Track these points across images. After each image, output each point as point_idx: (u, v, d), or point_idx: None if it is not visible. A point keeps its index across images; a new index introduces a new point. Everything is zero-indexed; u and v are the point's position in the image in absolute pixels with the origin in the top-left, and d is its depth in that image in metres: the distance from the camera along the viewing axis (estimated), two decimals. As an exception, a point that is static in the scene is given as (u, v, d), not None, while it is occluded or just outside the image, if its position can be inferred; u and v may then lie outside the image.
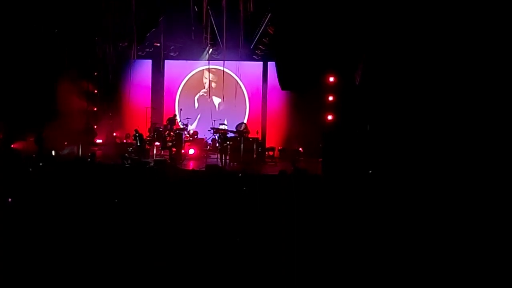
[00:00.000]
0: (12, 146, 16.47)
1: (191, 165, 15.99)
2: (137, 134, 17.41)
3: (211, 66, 19.21)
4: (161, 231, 8.81)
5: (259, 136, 17.48)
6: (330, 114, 17.03)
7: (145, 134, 18.05)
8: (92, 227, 8.79)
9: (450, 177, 9.70)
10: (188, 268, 7.09)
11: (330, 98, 17.20)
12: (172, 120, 18.53)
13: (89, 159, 14.97)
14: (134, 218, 9.38)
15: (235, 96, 19.05)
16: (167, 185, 11.30)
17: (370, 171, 11.20)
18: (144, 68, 19.98)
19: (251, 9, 15.29)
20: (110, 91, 19.19)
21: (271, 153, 17.57)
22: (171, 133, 17.83)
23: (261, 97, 19.38)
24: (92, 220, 9.12)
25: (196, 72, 20.02)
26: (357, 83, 15.28)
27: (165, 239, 8.34)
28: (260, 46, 18.55)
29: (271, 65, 18.97)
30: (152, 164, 15.23)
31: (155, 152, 17.40)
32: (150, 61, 19.87)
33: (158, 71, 19.62)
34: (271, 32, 17.81)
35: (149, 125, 18.75)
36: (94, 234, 8.28)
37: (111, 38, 17.61)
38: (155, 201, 10.40)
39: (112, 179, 11.64)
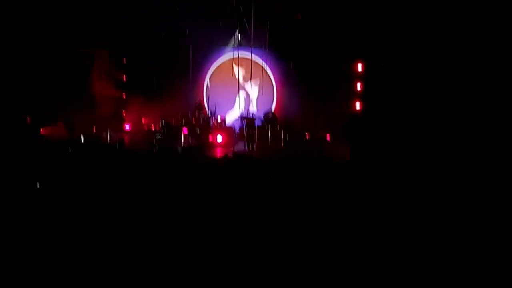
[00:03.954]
0: (41, 131, 16.64)
1: (218, 153, 16.01)
2: (164, 122, 17.49)
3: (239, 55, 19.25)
4: (187, 217, 8.85)
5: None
6: (357, 102, 16.91)
7: (173, 121, 18.09)
8: (120, 213, 8.85)
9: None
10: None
11: (358, 86, 17.07)
12: (200, 107, 18.56)
13: (117, 145, 15.08)
14: (161, 203, 9.42)
15: (262, 85, 19.06)
16: (195, 172, 11.34)
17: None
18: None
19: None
20: (139, 78, 19.28)
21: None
22: (199, 120, 17.87)
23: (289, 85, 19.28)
24: (119, 206, 9.18)
25: (224, 60, 19.98)
26: (383, 71, 15.14)
27: (190, 225, 8.37)
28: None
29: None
30: (180, 151, 15.32)
31: (182, 139, 17.43)
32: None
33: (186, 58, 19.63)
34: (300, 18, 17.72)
35: (177, 112, 18.77)
36: (122, 219, 8.33)
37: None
38: (181, 187, 10.44)
39: (141, 165, 11.71)
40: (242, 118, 17.79)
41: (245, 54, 19.28)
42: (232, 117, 19.29)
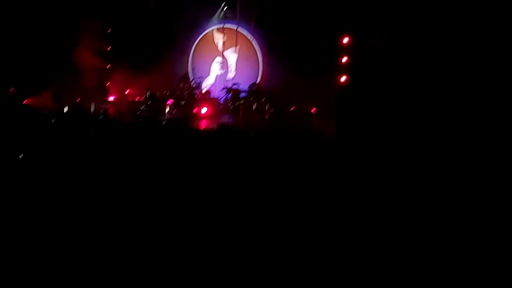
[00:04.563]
0: (24, 102, 16.50)
1: (203, 125, 15.96)
2: (148, 93, 17.37)
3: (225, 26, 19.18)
4: (172, 189, 8.83)
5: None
6: (343, 76, 16.88)
7: (157, 93, 17.97)
8: (104, 184, 8.82)
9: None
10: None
11: (344, 59, 17.01)
12: (185, 78, 18.45)
13: (101, 117, 14.98)
14: (146, 175, 9.40)
15: (247, 57, 19.03)
16: (179, 144, 11.30)
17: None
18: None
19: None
20: (124, 48, 19.12)
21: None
22: (184, 91, 17.78)
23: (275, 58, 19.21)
24: (103, 177, 9.15)
25: (209, 31, 19.83)
26: (372, 44, 15.08)
27: (175, 196, 8.35)
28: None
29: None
30: (164, 122, 15.25)
31: (167, 110, 17.32)
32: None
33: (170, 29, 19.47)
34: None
35: (162, 83, 18.64)
36: (105, 190, 8.29)
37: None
38: (166, 160, 10.41)
39: (125, 136, 11.65)
40: (227, 89, 17.71)
41: (231, 26, 19.18)
42: (207, 83, 19.34)
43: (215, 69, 19.68)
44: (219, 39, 19.72)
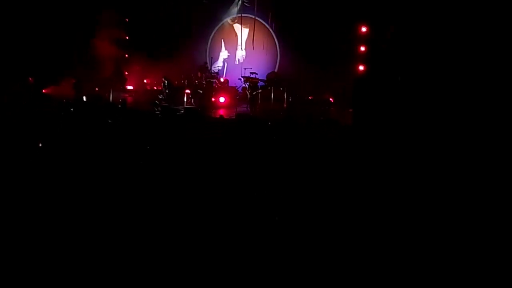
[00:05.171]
0: (43, 90, 16.65)
1: (221, 113, 15.98)
2: (166, 82, 17.43)
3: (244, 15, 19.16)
4: (190, 176, 8.86)
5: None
6: (361, 65, 16.76)
7: (176, 82, 18.03)
8: (123, 172, 8.88)
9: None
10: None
11: (362, 48, 16.89)
12: (203, 68, 18.48)
13: (120, 105, 15.08)
14: (164, 163, 9.45)
15: (265, 45, 19.00)
16: (197, 132, 11.36)
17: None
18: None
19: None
20: (142, 38, 19.19)
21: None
22: (202, 81, 17.82)
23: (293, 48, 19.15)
24: (122, 165, 9.21)
25: (227, 21, 19.82)
26: (389, 37, 14.95)
27: (192, 183, 8.39)
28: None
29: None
30: (182, 111, 15.31)
31: (185, 99, 17.37)
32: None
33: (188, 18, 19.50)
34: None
35: (180, 73, 18.69)
36: (125, 178, 8.35)
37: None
38: (184, 148, 10.46)
39: (143, 125, 11.73)
40: (245, 78, 17.71)
41: (249, 15, 19.17)
42: (216, 66, 19.51)
43: (223, 54, 19.78)
44: (238, 27, 19.70)
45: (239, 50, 19.59)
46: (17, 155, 9.13)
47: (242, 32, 19.55)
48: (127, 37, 19.21)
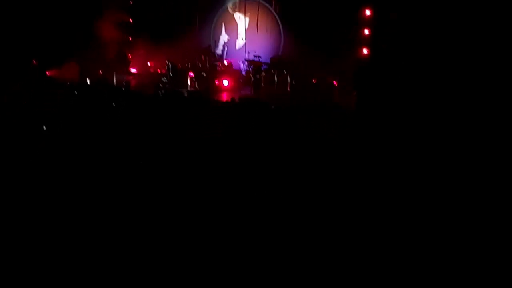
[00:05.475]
0: (47, 73, 16.62)
1: (224, 97, 15.97)
2: (170, 65, 17.41)
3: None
4: (193, 161, 8.89)
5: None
6: (364, 48, 16.72)
7: (179, 65, 18.00)
8: (126, 154, 8.91)
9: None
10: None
11: (366, 32, 16.84)
12: (207, 51, 18.44)
13: (123, 88, 15.08)
14: (168, 147, 9.47)
15: (269, 29, 18.94)
16: (201, 115, 11.35)
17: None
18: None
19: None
20: (146, 21, 19.12)
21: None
22: (205, 64, 17.79)
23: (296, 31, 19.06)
24: (126, 147, 9.23)
25: (230, 3, 19.74)
26: (393, 18, 14.88)
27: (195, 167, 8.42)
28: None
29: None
30: (185, 94, 15.31)
31: (189, 82, 17.35)
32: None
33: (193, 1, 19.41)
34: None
35: (184, 56, 18.64)
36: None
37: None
38: (188, 131, 10.48)
39: (147, 108, 11.73)
40: (248, 62, 17.70)
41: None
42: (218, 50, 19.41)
43: (223, 37, 19.67)
44: (237, 18, 19.61)
45: (239, 40, 19.50)
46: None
47: (242, 21, 19.46)
48: (131, 20, 19.13)
